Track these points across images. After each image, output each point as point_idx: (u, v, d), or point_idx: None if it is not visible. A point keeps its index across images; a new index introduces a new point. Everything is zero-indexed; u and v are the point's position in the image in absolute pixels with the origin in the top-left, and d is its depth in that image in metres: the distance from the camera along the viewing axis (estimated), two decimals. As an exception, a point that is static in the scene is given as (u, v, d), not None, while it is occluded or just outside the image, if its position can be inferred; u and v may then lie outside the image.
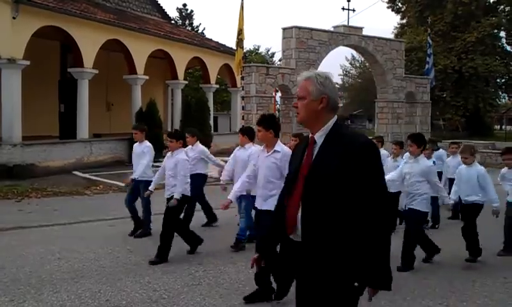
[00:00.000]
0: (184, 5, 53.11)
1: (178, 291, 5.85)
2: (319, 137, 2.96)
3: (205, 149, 9.35)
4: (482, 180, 7.24)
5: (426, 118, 21.85)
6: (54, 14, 17.38)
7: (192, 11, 53.51)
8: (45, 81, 20.19)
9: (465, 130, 43.21)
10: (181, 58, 24.42)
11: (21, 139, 16.11)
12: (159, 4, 28.13)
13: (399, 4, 45.02)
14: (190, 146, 8.98)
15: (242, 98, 17.72)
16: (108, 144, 18.69)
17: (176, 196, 7.12)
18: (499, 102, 44.32)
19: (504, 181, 7.93)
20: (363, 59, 34.90)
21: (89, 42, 18.83)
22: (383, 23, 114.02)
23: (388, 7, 45.39)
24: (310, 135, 3.02)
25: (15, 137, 16.10)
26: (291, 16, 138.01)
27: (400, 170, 7.30)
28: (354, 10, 24.60)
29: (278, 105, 21.20)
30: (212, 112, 26.09)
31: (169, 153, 7.56)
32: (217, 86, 28.48)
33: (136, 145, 8.91)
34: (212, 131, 24.68)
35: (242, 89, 17.75)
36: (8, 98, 16.20)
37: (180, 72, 24.56)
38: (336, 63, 58.23)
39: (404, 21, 45.09)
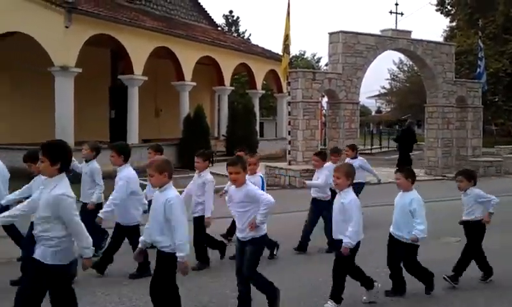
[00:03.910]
0: (230, 12, 53.82)
1: (226, 297, 5.88)
2: None
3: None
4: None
5: (478, 123, 21.21)
6: (105, 22, 17.89)
7: (238, 17, 54.14)
8: (96, 88, 20.77)
9: (518, 135, 41.93)
10: (228, 64, 24.66)
11: (74, 144, 16.55)
12: (206, 11, 28.53)
13: (448, 7, 44.13)
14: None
15: (289, 103, 17.65)
16: (157, 149, 18.97)
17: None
18: (554, 106, 42.68)
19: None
20: (411, 62, 34.37)
21: (139, 49, 19.27)
22: (431, 26, 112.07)
23: (436, 10, 44.62)
24: None
25: (68, 142, 16.55)
26: (337, 21, 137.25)
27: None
28: (402, 14, 24.01)
29: (324, 111, 21.06)
30: (258, 118, 26.22)
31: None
32: (264, 92, 28.61)
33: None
34: (258, 136, 24.77)
35: (289, 95, 17.71)
36: (61, 104, 16.79)
37: (227, 78, 24.81)
38: (384, 67, 57.42)
39: (454, 24, 44.16)
